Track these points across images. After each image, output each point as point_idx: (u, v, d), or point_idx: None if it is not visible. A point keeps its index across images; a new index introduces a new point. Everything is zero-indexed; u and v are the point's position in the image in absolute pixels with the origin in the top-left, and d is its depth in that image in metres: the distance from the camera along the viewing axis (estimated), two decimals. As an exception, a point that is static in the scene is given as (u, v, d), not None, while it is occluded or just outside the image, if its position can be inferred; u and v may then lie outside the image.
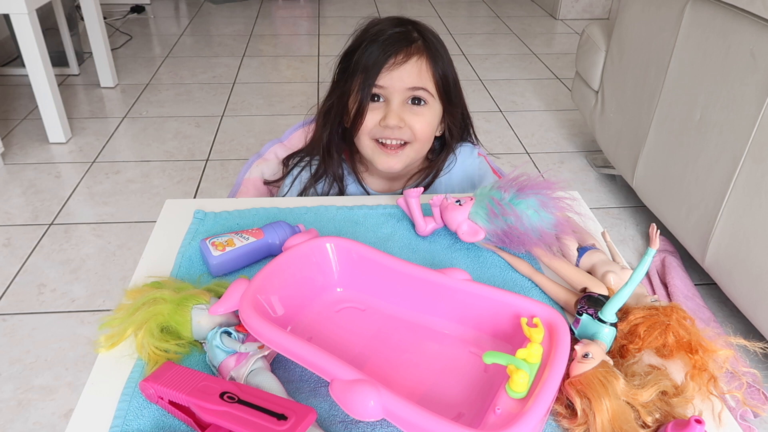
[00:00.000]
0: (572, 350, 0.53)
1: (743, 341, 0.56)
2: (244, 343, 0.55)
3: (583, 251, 0.69)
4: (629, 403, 0.50)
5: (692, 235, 1.43)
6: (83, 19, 2.55)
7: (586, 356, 0.52)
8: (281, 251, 0.64)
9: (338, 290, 0.65)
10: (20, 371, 1.27)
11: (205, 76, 2.82)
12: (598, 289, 0.63)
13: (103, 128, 2.31)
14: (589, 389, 0.50)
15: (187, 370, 0.53)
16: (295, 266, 0.62)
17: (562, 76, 2.89)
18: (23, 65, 2.07)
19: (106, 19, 3.03)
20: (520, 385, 0.49)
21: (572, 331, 0.57)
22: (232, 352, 0.55)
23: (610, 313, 0.56)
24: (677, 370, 0.56)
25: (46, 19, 2.53)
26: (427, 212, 0.77)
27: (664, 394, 0.52)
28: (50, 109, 2.10)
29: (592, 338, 0.55)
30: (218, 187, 1.96)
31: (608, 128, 1.89)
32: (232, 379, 0.53)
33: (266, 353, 0.54)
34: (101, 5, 2.67)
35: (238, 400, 0.48)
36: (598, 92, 1.98)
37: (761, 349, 0.55)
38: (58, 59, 2.64)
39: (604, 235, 0.73)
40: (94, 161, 2.08)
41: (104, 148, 2.17)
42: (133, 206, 1.84)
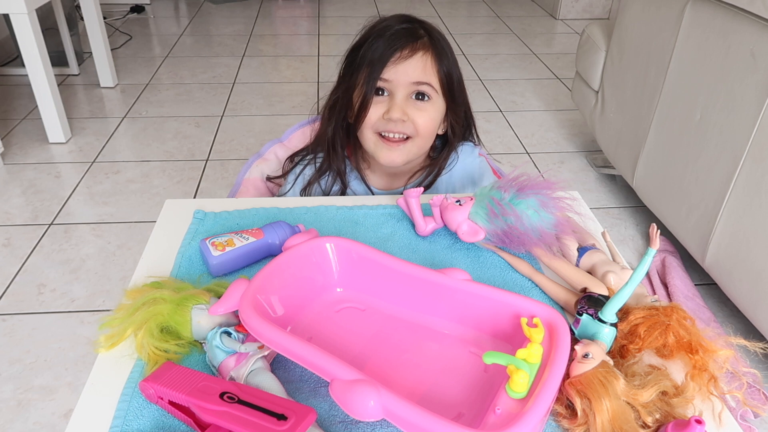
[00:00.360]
0: (572, 350, 0.53)
1: (743, 341, 0.56)
2: (244, 343, 0.55)
3: (583, 251, 0.69)
4: (629, 403, 0.50)
5: (692, 235, 1.43)
6: (83, 19, 2.55)
7: (586, 356, 0.52)
8: (281, 251, 0.64)
9: (338, 290, 0.65)
10: (20, 371, 1.27)
11: (205, 76, 2.82)
12: (598, 289, 0.63)
13: (103, 128, 2.31)
14: (589, 389, 0.50)
15: (187, 370, 0.53)
16: (295, 266, 0.62)
17: (562, 76, 2.89)
18: (23, 65, 2.07)
19: (105, 19, 3.03)
20: (520, 385, 0.49)
21: (572, 331, 0.57)
22: (232, 352, 0.55)
23: (610, 313, 0.56)
24: (677, 370, 0.56)
25: (46, 19, 2.53)
26: (427, 212, 0.77)
27: (664, 394, 0.52)
28: (50, 109, 2.10)
29: (592, 338, 0.55)
30: (218, 187, 1.96)
31: (608, 128, 1.89)
32: (232, 379, 0.53)
33: (266, 353, 0.54)
34: (101, 5, 2.67)
35: (238, 400, 0.48)
36: (598, 92, 1.98)
37: (761, 349, 0.55)
38: (58, 59, 2.64)
39: (604, 235, 0.73)
40: (94, 161, 2.08)
41: (104, 148, 2.17)
42: (133, 206, 1.84)
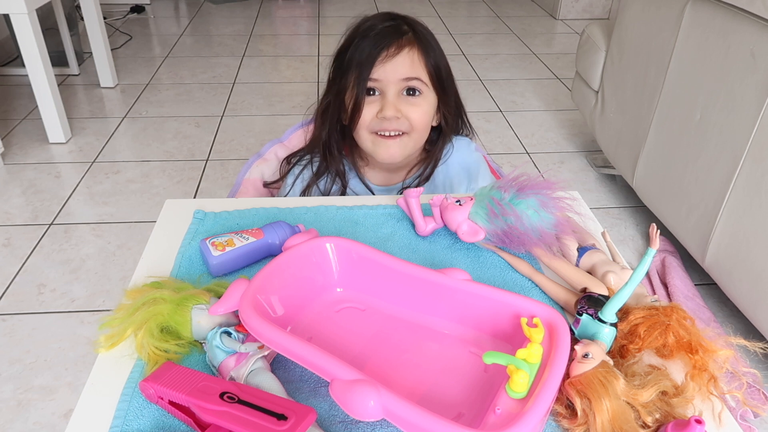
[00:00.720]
0: (572, 350, 0.53)
1: (743, 341, 0.56)
2: (244, 343, 0.55)
3: (583, 251, 0.69)
4: (629, 403, 0.50)
5: (692, 235, 1.43)
6: (83, 19, 2.55)
7: (586, 356, 0.52)
8: (281, 251, 0.64)
9: (338, 290, 0.65)
10: (20, 371, 1.27)
11: (205, 76, 2.82)
12: (598, 289, 0.63)
13: (103, 128, 2.31)
14: (589, 389, 0.50)
15: (187, 370, 0.53)
16: (295, 266, 0.62)
17: (562, 76, 2.89)
18: (23, 65, 2.07)
19: (106, 19, 3.03)
20: (520, 385, 0.49)
21: (572, 331, 0.57)
22: (232, 352, 0.55)
23: (610, 313, 0.56)
24: (677, 370, 0.56)
25: (46, 19, 2.53)
26: (427, 212, 0.77)
27: (664, 394, 0.52)
28: (50, 109, 2.10)
29: (592, 338, 0.55)
30: (218, 187, 1.96)
31: (608, 128, 1.89)
32: (232, 379, 0.53)
33: (266, 353, 0.54)
34: (101, 5, 2.67)
35: (238, 400, 0.48)
36: (598, 92, 1.98)
37: (761, 349, 0.55)
38: (58, 59, 2.64)
39: (604, 235, 0.73)
40: (94, 161, 2.08)
41: (104, 148, 2.17)
42: (133, 206, 1.84)
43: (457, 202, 0.72)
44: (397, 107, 0.88)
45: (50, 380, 1.25)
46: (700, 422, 0.46)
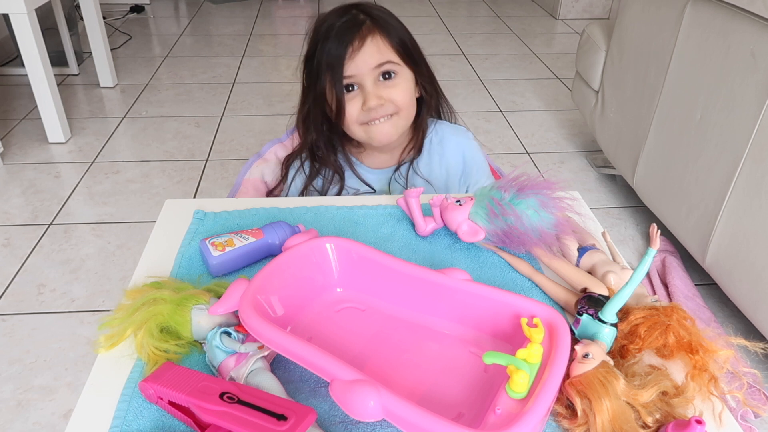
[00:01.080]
0: (572, 350, 0.53)
1: (744, 341, 0.56)
2: (243, 343, 0.55)
3: (583, 251, 0.69)
4: (629, 403, 0.50)
5: (692, 235, 1.43)
6: (83, 18, 2.55)
7: (586, 356, 0.52)
8: (281, 251, 0.64)
9: (338, 290, 0.65)
10: (20, 371, 1.27)
11: (205, 76, 2.82)
12: (598, 289, 0.63)
13: (102, 128, 2.31)
14: (589, 389, 0.50)
15: (186, 370, 0.53)
16: (295, 266, 0.62)
17: (562, 76, 2.89)
18: (23, 65, 2.07)
19: (105, 19, 3.02)
20: (520, 385, 0.49)
21: (572, 331, 0.57)
22: (231, 352, 0.54)
23: (610, 313, 0.56)
24: (677, 370, 0.56)
25: (45, 19, 2.53)
26: (427, 212, 0.77)
27: (664, 394, 0.52)
28: (50, 109, 2.10)
29: (592, 338, 0.55)
30: (218, 187, 1.96)
31: (608, 128, 1.89)
32: (231, 379, 0.53)
33: (266, 353, 0.54)
34: (101, 5, 2.67)
35: (237, 400, 0.48)
36: (598, 92, 1.98)
37: (762, 349, 0.55)
38: (57, 59, 2.64)
39: (604, 235, 0.73)
40: (93, 161, 2.08)
41: (104, 148, 2.17)
42: (132, 206, 1.84)
43: (457, 202, 0.72)
44: (378, 95, 0.90)
45: (50, 380, 1.25)
46: (700, 422, 0.46)
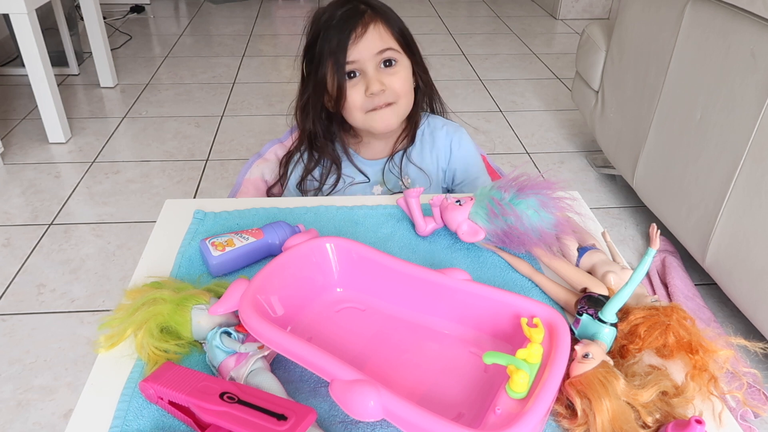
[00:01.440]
0: (572, 350, 0.53)
1: (744, 341, 0.56)
2: (243, 343, 0.55)
3: (583, 251, 0.69)
4: (629, 403, 0.50)
5: (692, 235, 1.43)
6: (83, 18, 2.55)
7: (586, 356, 0.52)
8: (281, 251, 0.64)
9: (338, 290, 0.65)
10: (20, 371, 1.27)
11: (205, 76, 2.82)
12: (598, 289, 0.63)
13: (102, 128, 2.31)
14: (589, 389, 0.50)
15: (186, 370, 0.53)
16: (295, 266, 0.62)
17: (562, 76, 2.89)
18: (23, 65, 2.07)
19: (105, 19, 3.02)
20: (520, 385, 0.49)
21: (572, 331, 0.57)
22: (231, 352, 0.54)
23: (610, 313, 0.56)
24: (677, 370, 0.56)
25: (45, 19, 2.53)
26: (427, 212, 0.77)
27: (664, 394, 0.52)
28: (50, 109, 2.10)
29: (592, 338, 0.55)
30: (218, 187, 1.96)
31: (608, 128, 1.89)
32: (231, 379, 0.53)
33: (266, 353, 0.54)
34: (101, 5, 2.67)
35: (238, 400, 0.48)
36: (598, 92, 1.98)
37: (761, 349, 0.55)
38: (57, 59, 2.64)
39: (604, 235, 0.73)
40: (93, 161, 2.08)
41: (104, 148, 2.17)
42: (133, 206, 1.84)
43: (457, 202, 0.72)
44: (380, 80, 0.91)
45: (50, 380, 1.25)
46: (700, 422, 0.46)
